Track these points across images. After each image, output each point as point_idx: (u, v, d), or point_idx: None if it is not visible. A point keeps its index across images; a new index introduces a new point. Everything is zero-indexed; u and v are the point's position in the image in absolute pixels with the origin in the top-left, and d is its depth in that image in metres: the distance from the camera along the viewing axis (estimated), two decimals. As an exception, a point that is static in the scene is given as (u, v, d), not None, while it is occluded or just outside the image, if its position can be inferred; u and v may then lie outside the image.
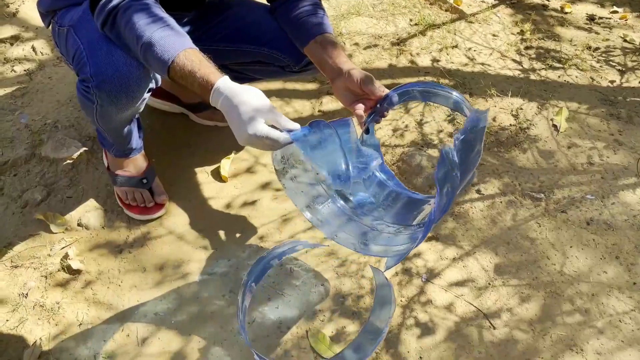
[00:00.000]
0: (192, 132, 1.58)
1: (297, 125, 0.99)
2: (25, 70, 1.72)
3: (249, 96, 0.95)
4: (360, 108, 1.09)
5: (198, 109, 1.59)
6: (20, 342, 1.14)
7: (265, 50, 1.36)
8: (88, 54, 1.06)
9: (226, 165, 1.49)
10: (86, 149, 1.48)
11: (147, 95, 1.18)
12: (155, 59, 0.99)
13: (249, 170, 1.50)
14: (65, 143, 1.48)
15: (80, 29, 1.10)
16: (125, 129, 1.28)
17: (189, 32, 1.07)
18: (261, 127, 0.95)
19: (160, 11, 1.02)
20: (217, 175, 1.48)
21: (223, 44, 1.37)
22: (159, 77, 1.17)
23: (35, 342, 1.14)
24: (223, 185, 1.46)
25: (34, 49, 1.79)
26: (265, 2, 1.36)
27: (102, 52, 1.05)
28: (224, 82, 0.97)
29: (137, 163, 1.38)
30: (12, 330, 1.16)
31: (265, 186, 1.46)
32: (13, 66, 1.73)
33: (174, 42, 0.99)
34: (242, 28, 1.37)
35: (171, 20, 1.03)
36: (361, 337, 1.13)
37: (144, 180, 1.37)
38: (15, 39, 1.82)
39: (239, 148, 1.55)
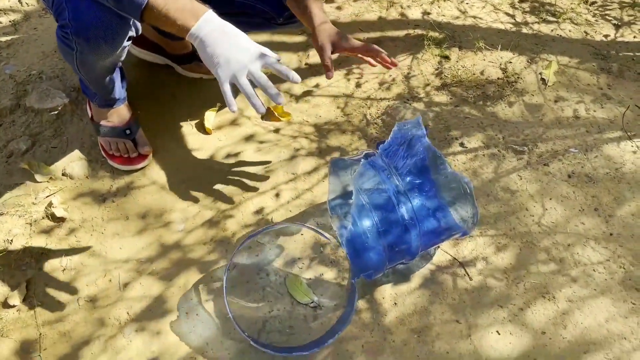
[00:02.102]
0: (177, 84, 1.58)
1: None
2: (10, 22, 1.71)
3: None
4: (329, 76, 1.24)
5: (183, 60, 1.58)
6: (4, 286, 1.17)
7: (248, 1, 1.35)
8: None
9: (210, 117, 1.49)
10: (70, 99, 1.48)
11: (127, 43, 1.18)
12: (127, 1, 0.98)
13: (233, 123, 1.50)
14: (50, 94, 1.48)
15: None
16: (107, 78, 1.29)
17: None
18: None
19: None
20: (201, 127, 1.48)
21: None
22: (139, 25, 1.16)
23: (19, 285, 1.17)
24: (207, 137, 1.47)
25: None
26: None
27: None
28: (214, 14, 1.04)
29: (120, 113, 1.38)
30: (-3, 274, 1.19)
31: (249, 138, 1.47)
32: (-2, 17, 1.72)
33: None
34: None
35: None
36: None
37: (128, 131, 1.38)
38: (0, -10, 1.80)
39: (223, 100, 1.54)
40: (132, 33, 1.15)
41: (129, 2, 0.98)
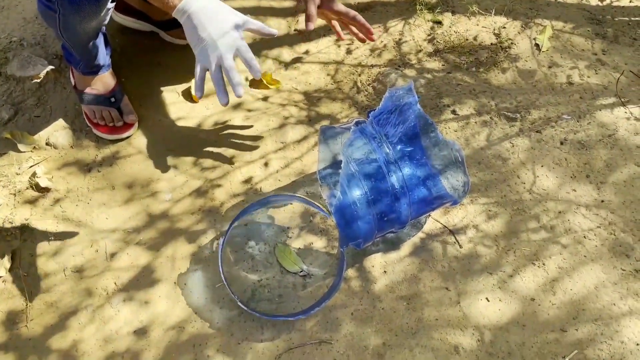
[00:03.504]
0: (162, 51, 1.53)
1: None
2: (-12, -13, 1.65)
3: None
4: (309, 27, 1.22)
5: (169, 26, 1.54)
6: (-11, 257, 1.16)
7: None
8: None
9: (197, 84, 1.46)
10: (53, 67, 1.44)
11: (111, 5, 1.14)
12: None
13: (221, 90, 1.47)
14: (32, 61, 1.44)
15: None
16: (91, 44, 1.25)
17: None
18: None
19: None
20: (188, 95, 1.45)
21: None
22: None
23: (4, 256, 1.16)
24: (194, 106, 1.44)
25: (-3, -36, 1.71)
26: None
27: None
28: None
29: (105, 81, 1.35)
30: (-19, 245, 1.18)
31: (237, 107, 1.44)
32: (-24, -18, 1.66)
33: None
34: None
35: None
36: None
37: (112, 99, 1.35)
38: (-23, -46, 1.74)
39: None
40: None
41: None
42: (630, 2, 1.81)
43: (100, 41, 1.26)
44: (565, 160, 1.33)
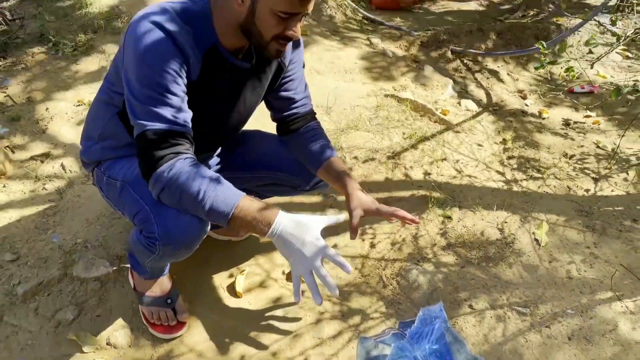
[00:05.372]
0: (208, 247, 1.73)
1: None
2: (56, 189, 1.88)
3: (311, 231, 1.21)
4: (352, 238, 1.33)
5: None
6: None
7: (279, 174, 1.55)
8: (155, 215, 1.19)
9: (240, 280, 1.64)
10: (115, 268, 1.63)
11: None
12: (217, 215, 1.16)
13: (262, 285, 1.65)
14: (95, 263, 1.62)
15: (139, 187, 1.22)
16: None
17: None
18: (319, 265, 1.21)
19: (206, 171, 1.17)
20: (232, 290, 1.63)
21: (243, 171, 1.56)
22: (208, 229, 1.30)
23: None
24: (238, 301, 1.60)
25: (63, 166, 1.96)
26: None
27: (169, 215, 1.18)
28: (282, 217, 1.19)
29: (162, 284, 1.52)
30: None
31: (276, 301, 1.61)
32: (44, 184, 1.89)
33: (228, 196, 1.16)
34: (259, 157, 1.57)
35: (217, 176, 1.18)
36: None
37: (169, 300, 1.51)
38: (45, 157, 1.99)
39: (251, 263, 1.70)
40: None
41: (217, 215, 1.16)
42: (612, 191, 2.08)
43: None
44: (574, 356, 1.48)
